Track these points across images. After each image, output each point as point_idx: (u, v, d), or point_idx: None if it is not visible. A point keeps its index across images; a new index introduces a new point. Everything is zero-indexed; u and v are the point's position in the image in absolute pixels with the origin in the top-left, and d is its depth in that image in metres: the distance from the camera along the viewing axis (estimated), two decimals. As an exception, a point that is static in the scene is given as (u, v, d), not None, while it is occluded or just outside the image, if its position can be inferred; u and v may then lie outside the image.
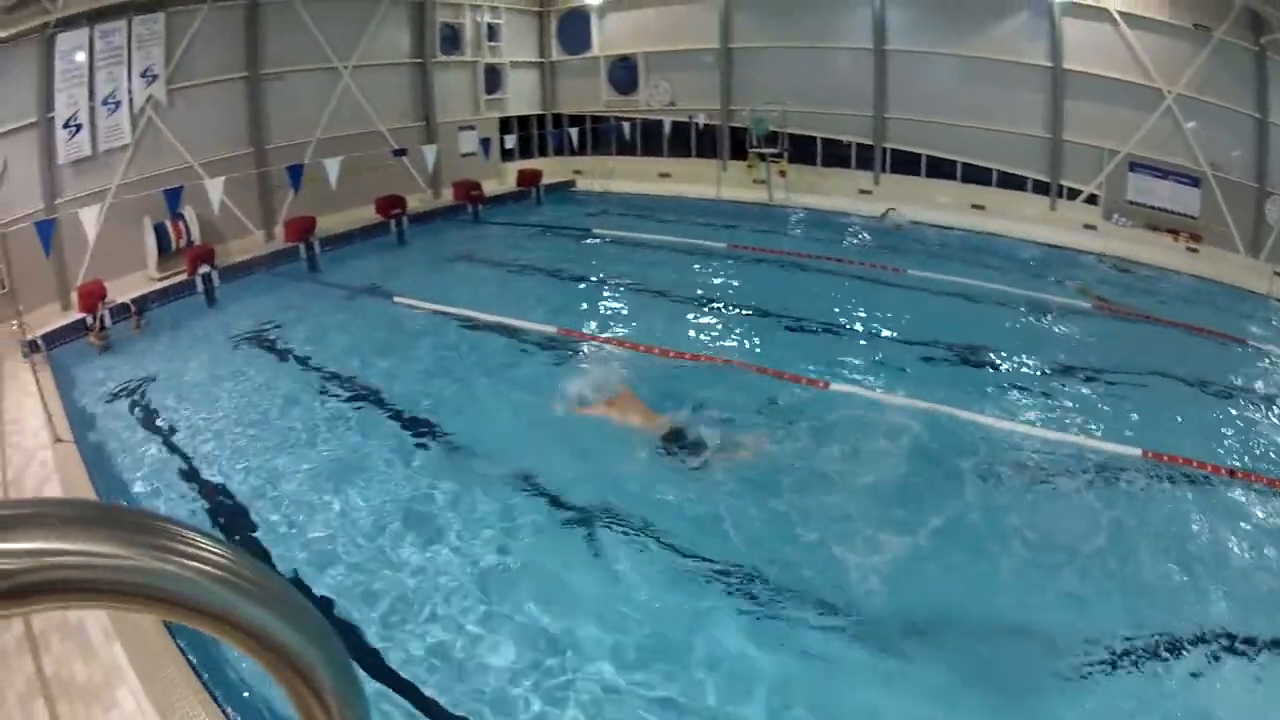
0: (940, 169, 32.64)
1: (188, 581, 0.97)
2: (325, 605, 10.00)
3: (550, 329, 18.68)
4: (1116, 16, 26.87)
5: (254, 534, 12.17)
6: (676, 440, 13.83)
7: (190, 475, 14.44)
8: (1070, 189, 29.42)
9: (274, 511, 12.84)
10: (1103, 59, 27.75)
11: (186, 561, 0.98)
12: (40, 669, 8.79)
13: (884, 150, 32.64)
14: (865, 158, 33.37)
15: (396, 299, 24.21)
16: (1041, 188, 29.88)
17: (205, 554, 1.02)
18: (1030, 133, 30.10)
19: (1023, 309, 20.04)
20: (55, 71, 26.44)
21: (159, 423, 16.83)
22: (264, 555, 11.37)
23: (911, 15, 32.14)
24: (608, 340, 18.03)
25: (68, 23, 26.30)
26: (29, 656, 8.99)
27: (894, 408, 14.10)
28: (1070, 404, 15.14)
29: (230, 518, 12.85)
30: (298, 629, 1.11)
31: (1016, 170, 30.92)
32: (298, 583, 10.36)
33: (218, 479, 14.11)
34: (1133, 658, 9.30)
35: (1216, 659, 9.33)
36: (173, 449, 15.57)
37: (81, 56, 27.03)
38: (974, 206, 30.92)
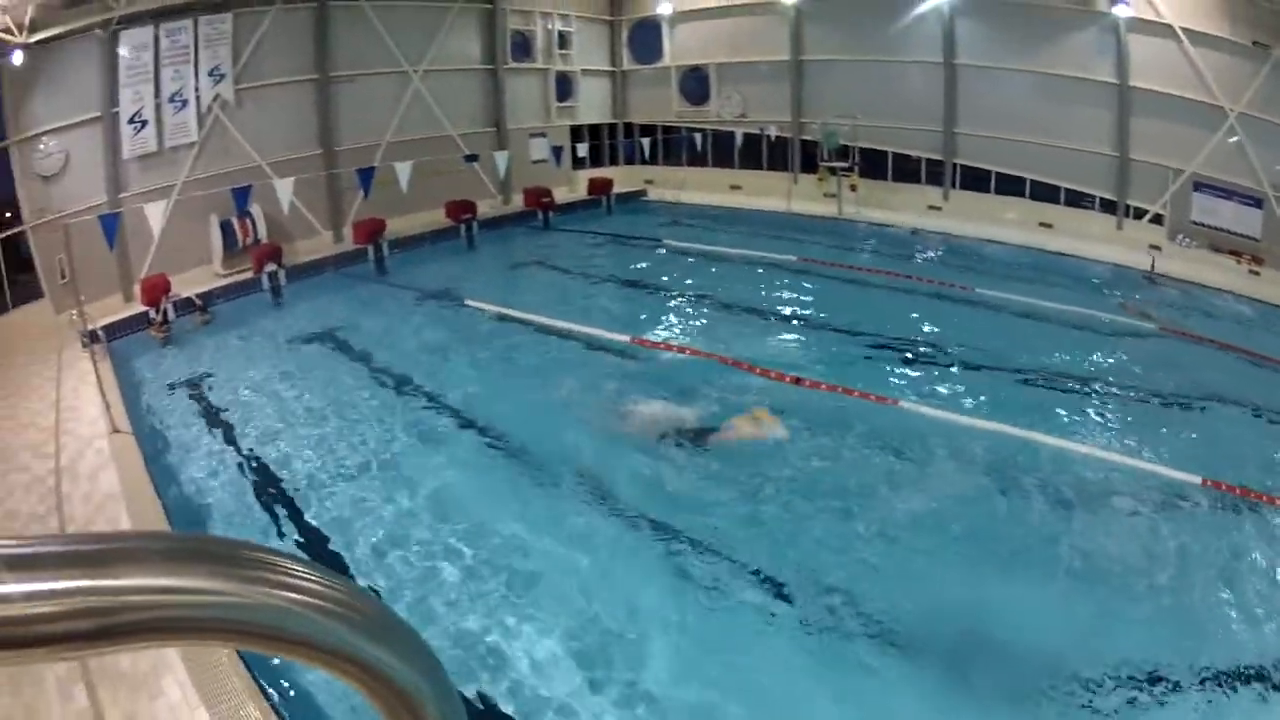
0: (1009, 186, 31.09)
1: (298, 617, 0.91)
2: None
3: (624, 337, 18.01)
4: (1179, 32, 25.50)
5: (310, 533, 11.85)
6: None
7: (247, 471, 13.99)
8: (1137, 208, 28.03)
9: (331, 511, 12.44)
10: (1167, 76, 26.39)
11: (296, 596, 0.91)
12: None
13: (954, 166, 31.28)
14: (935, 173, 32.18)
15: (468, 302, 23.28)
16: (1108, 206, 28.60)
17: (315, 588, 0.95)
18: (1097, 150, 28.25)
19: (1085, 329, 19.11)
20: (120, 68, 26.06)
21: (219, 417, 16.44)
22: (321, 552, 11.17)
23: (980, 29, 30.64)
24: (680, 349, 17.32)
25: (131, 20, 25.88)
26: None
27: (961, 427, 13.53)
28: (1130, 427, 14.47)
29: (286, 515, 12.46)
30: (410, 663, 1.06)
31: (1084, 188, 29.36)
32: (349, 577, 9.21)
33: (276, 476, 13.66)
34: (1180, 691, 8.78)
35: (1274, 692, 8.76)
36: (231, 444, 15.11)
37: (147, 54, 26.63)
38: (1041, 224, 29.40)
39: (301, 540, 11.69)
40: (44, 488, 13.55)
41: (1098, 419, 14.67)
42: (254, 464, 14.22)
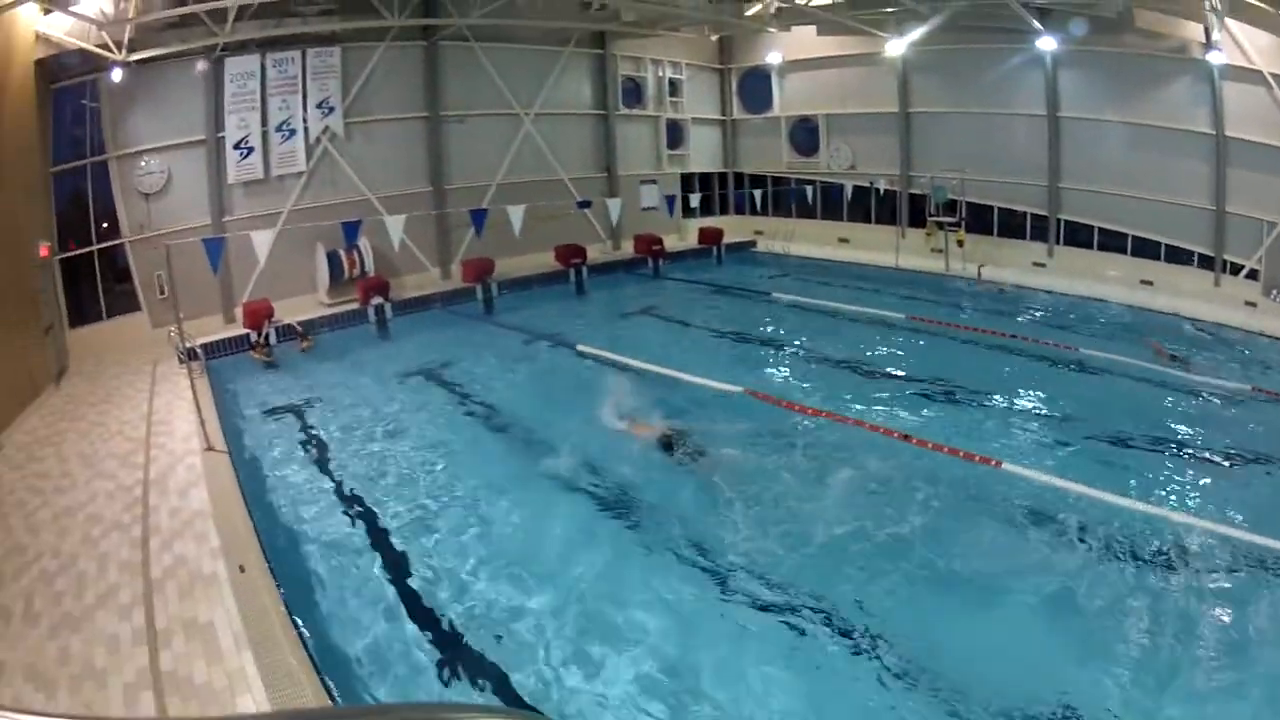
0: (1111, 242, 28.16)
1: None
2: (447, 635, 9.39)
3: (736, 389, 16.79)
4: (1270, 79, 22.71)
5: (405, 572, 10.87)
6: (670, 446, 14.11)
7: (341, 500, 13.18)
8: (1233, 263, 25.04)
9: (422, 548, 11.58)
10: (1261, 125, 23.52)
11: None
12: (155, 664, 8.04)
13: (1058, 221, 28.55)
14: (1039, 229, 30.06)
15: (580, 348, 21.30)
16: (1206, 262, 25.61)
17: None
18: (1194, 204, 25.70)
19: (1182, 390, 17.26)
20: (225, 94, 25.01)
21: (315, 444, 15.73)
22: (408, 588, 10.47)
23: (1082, 79, 27.89)
24: (790, 405, 16.07)
25: (238, 48, 24.83)
26: (144, 649, 8.29)
27: (1062, 490, 12.26)
28: (1228, 492, 12.70)
29: (377, 549, 11.56)
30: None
31: (1182, 243, 26.25)
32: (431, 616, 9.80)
33: (369, 509, 12.83)
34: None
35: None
36: (326, 472, 14.35)
37: (253, 82, 25.52)
38: (1143, 282, 26.32)
39: (390, 577, 10.75)
40: (130, 497, 12.65)
41: (1201, 486, 13.06)
42: (348, 494, 13.39)
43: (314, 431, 16.39)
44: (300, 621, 8.90)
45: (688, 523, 11.79)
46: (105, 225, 23.58)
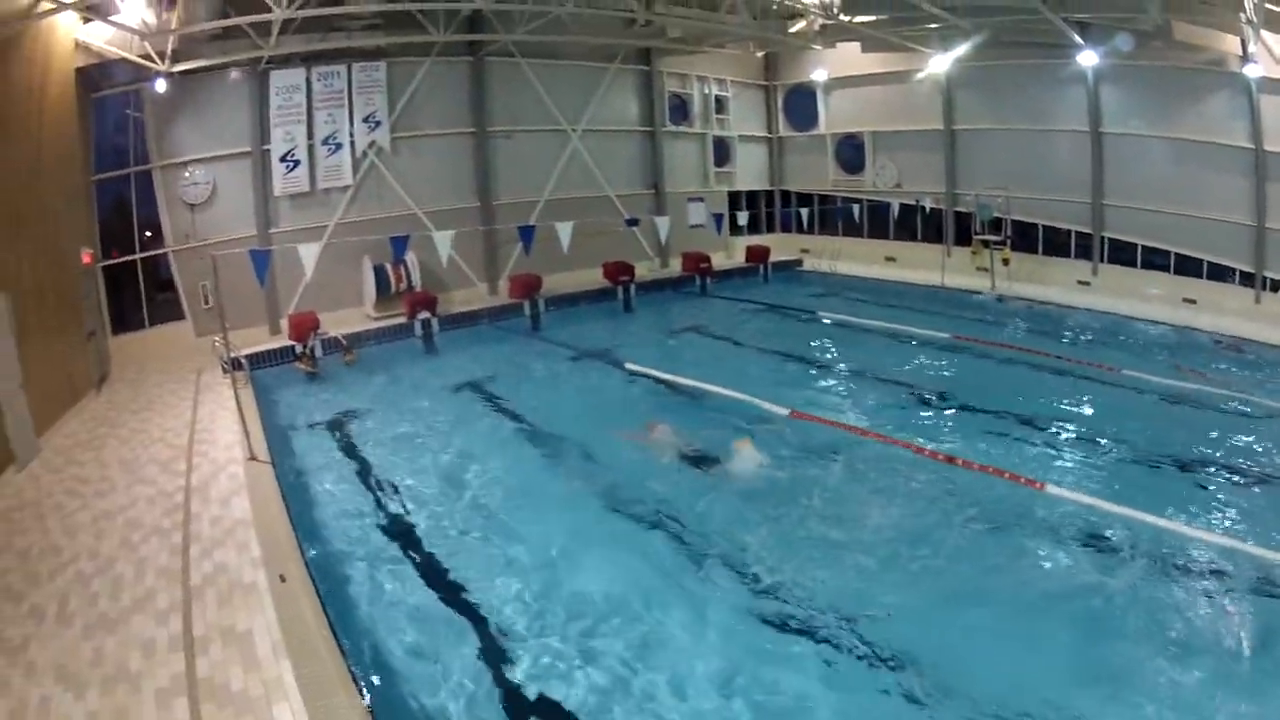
0: (1155, 259, 27.04)
1: None
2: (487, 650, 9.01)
3: (783, 410, 16.12)
4: None
5: (446, 586, 10.55)
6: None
7: (384, 514, 12.83)
8: (1274, 280, 24.06)
9: (464, 563, 11.19)
10: None
11: None
12: (191, 670, 7.81)
13: (1102, 239, 27.60)
14: (1084, 247, 28.80)
15: (628, 365, 20.54)
16: (1247, 279, 24.57)
17: None
18: (1235, 220, 24.57)
19: (1223, 411, 16.33)
20: (270, 106, 24.69)
21: (360, 457, 15.34)
22: (452, 600, 10.16)
23: (1122, 94, 26.91)
24: (836, 424, 15.50)
25: (283, 61, 24.52)
26: (180, 655, 8.06)
27: (1106, 513, 11.66)
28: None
29: (419, 562, 11.22)
30: None
31: (1223, 260, 25.13)
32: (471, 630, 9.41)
33: (411, 521, 12.54)
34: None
35: None
36: (370, 485, 13.99)
37: (299, 95, 25.20)
38: (1185, 300, 25.26)
39: (431, 590, 10.44)
40: (170, 503, 12.34)
41: (1240, 510, 12.24)
42: (390, 506, 13.10)
43: (357, 444, 15.99)
44: (340, 632, 8.64)
45: (745, 546, 11.29)
46: (149, 234, 23.42)
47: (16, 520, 12.12)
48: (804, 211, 32.19)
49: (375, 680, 8.28)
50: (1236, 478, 13.19)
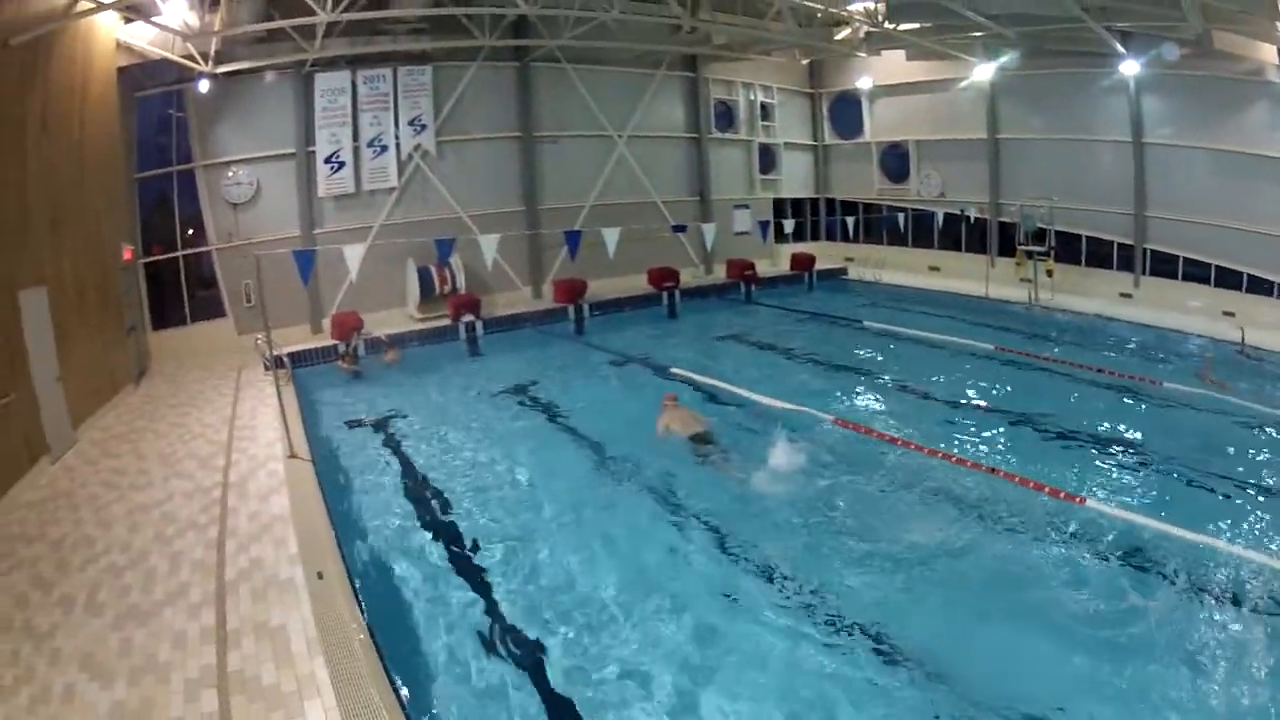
0: (1195, 272, 26.02)
1: None
2: (524, 654, 8.57)
3: (827, 417, 15.51)
4: None
5: (484, 588, 10.06)
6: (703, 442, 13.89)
7: (424, 515, 12.37)
8: None
9: (503, 565, 10.70)
10: None
11: None
12: (222, 663, 7.56)
13: (1144, 251, 27.73)
14: (1127, 258, 27.82)
15: (674, 371, 19.85)
16: None
17: None
18: (1275, 231, 23.48)
19: (1267, 428, 15.41)
20: (315, 108, 24.49)
21: (401, 457, 14.89)
22: (491, 604, 9.66)
23: (1165, 104, 25.84)
24: (880, 435, 14.93)
25: (328, 64, 24.28)
26: (212, 648, 7.84)
27: (1146, 529, 11.06)
28: None
29: (457, 564, 10.73)
30: None
31: (1262, 273, 24.01)
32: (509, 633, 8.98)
33: (450, 522, 12.07)
34: None
35: None
36: (411, 485, 13.58)
37: (344, 98, 24.92)
38: (1225, 314, 24.01)
39: (469, 592, 9.89)
40: (208, 498, 12.02)
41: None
42: (430, 507, 12.66)
43: (398, 444, 15.58)
44: (376, 630, 8.28)
45: (788, 556, 10.66)
46: (191, 232, 23.35)
47: (50, 510, 11.92)
48: (849, 220, 31.77)
49: (410, 679, 7.88)
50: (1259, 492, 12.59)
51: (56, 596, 9.11)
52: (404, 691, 7.45)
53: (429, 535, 11.56)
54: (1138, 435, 15.32)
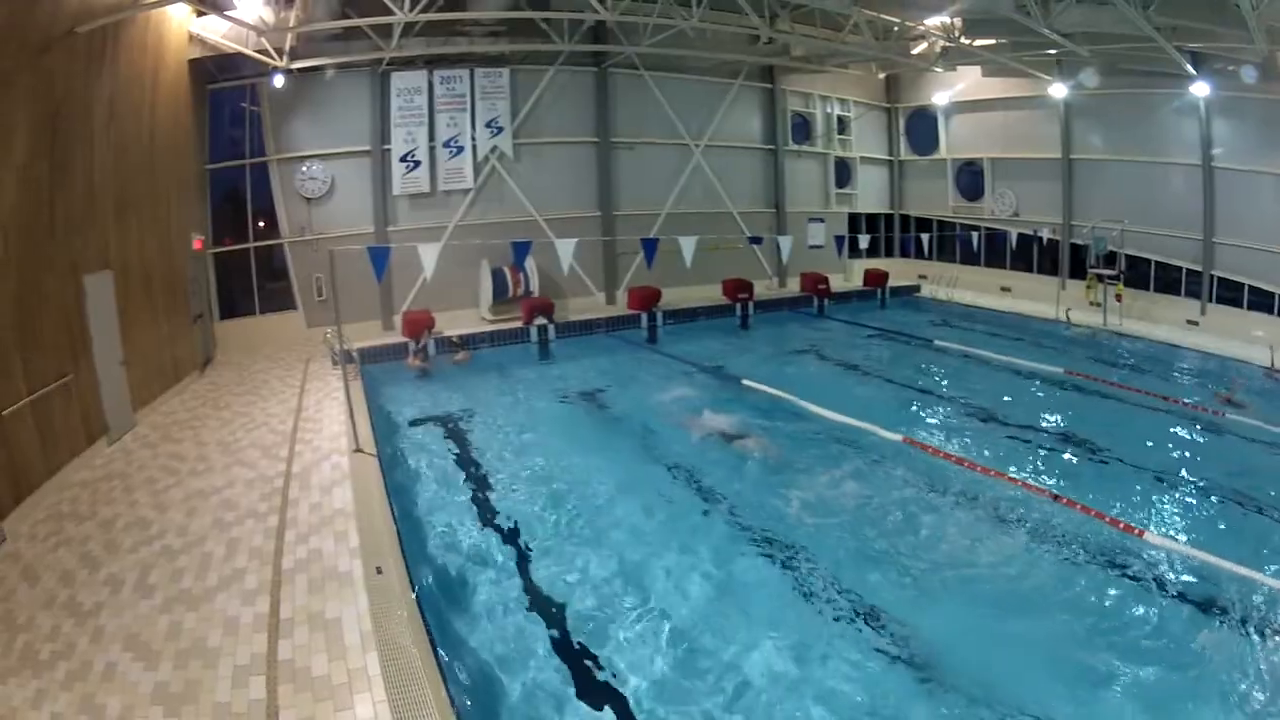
0: (1261, 301, 24.43)
1: None
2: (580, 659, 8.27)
3: (895, 436, 14.91)
4: None
5: (544, 593, 9.61)
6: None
7: (487, 515, 11.95)
8: None
9: (564, 571, 10.16)
10: None
11: None
12: (273, 651, 7.32)
13: (1211, 278, 24.96)
14: (1195, 285, 26.17)
15: (745, 382, 18.98)
16: None
17: None
18: None
19: None
20: (391, 107, 23.92)
21: (467, 458, 14.47)
22: (545, 607, 9.26)
23: (1234, 128, 24.32)
24: (948, 456, 14.21)
25: (405, 63, 23.70)
26: (263, 636, 7.57)
27: (1204, 564, 10.25)
28: None
29: (519, 567, 10.27)
30: None
31: None
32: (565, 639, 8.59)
33: (514, 526, 11.58)
34: None
35: None
36: (475, 486, 13.16)
37: (420, 98, 24.29)
38: None
39: (529, 597, 9.56)
40: (269, 488, 11.64)
41: None
42: (493, 509, 12.21)
43: (465, 444, 15.09)
44: (432, 629, 8.02)
45: (859, 581, 10.04)
46: (263, 224, 22.97)
47: (103, 491, 11.63)
48: (923, 237, 30.50)
49: (464, 681, 7.61)
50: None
51: (104, 576, 8.86)
52: (455, 692, 7.12)
53: (490, 538, 11.16)
54: (1198, 466, 14.46)
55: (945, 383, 20.30)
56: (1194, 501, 12.97)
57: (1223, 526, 11.83)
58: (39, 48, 11.92)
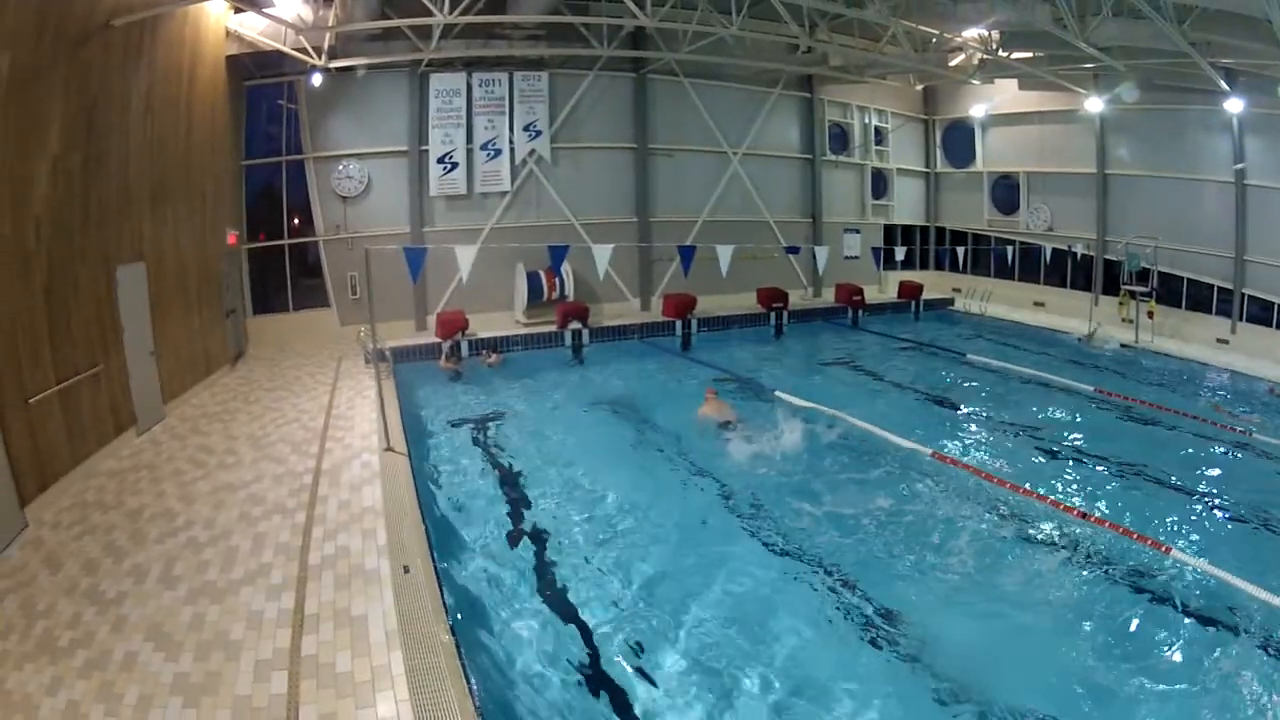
0: None
1: None
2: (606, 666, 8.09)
3: (925, 450, 14.55)
4: None
5: (570, 597, 9.37)
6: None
7: (517, 520, 11.68)
8: None
9: (591, 577, 9.91)
10: None
11: None
12: (296, 646, 7.20)
13: (1243, 296, 24.51)
14: (1226, 303, 25.66)
15: (777, 394, 18.43)
16: None
17: None
18: None
19: None
20: (429, 108, 23.71)
21: (498, 461, 14.19)
22: (573, 617, 8.91)
23: (1270, 145, 23.75)
24: (976, 472, 13.84)
25: (443, 64, 23.47)
26: (287, 631, 7.45)
27: (1227, 585, 9.83)
28: None
29: (545, 571, 10.00)
30: None
31: None
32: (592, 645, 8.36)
33: (542, 529, 11.33)
34: None
35: None
36: (506, 490, 12.85)
37: (459, 100, 24.05)
38: None
39: (555, 601, 9.29)
40: (298, 483, 11.48)
41: None
42: (523, 512, 11.95)
43: (496, 446, 14.84)
44: (457, 630, 7.87)
45: (880, 596, 9.70)
46: (298, 221, 22.90)
47: (130, 481, 11.50)
48: (959, 250, 29.79)
49: (488, 682, 7.45)
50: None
51: (128, 566, 8.74)
52: (480, 693, 7.00)
53: (518, 540, 10.98)
54: (1224, 485, 14.15)
55: (974, 397, 20.03)
56: (1214, 518, 12.72)
57: (1243, 546, 11.56)
58: (75, 40, 11.79)
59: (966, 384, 21.21)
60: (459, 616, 8.26)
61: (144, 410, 13.82)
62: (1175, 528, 12.12)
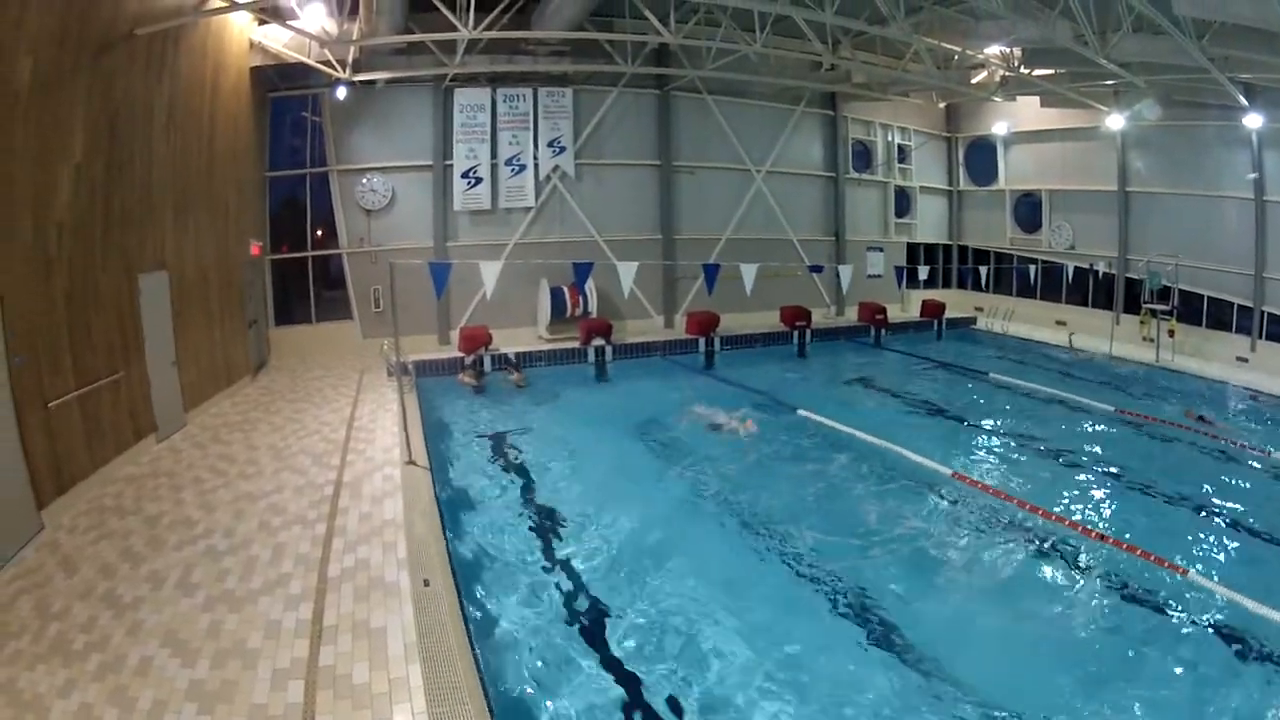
0: None
1: None
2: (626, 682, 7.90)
3: (946, 470, 14.35)
4: None
5: (590, 614, 9.24)
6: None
7: (539, 539, 11.40)
8: None
9: (612, 595, 9.70)
10: None
11: None
12: (314, 657, 7.14)
13: (1262, 314, 24.07)
14: (1246, 321, 25.21)
15: (800, 412, 18.22)
16: None
17: None
18: None
19: None
20: (454, 123, 23.74)
21: (517, 474, 14.09)
22: (595, 637, 8.74)
23: None
24: (997, 493, 13.59)
25: (468, 80, 23.52)
26: (305, 641, 7.38)
27: (1244, 608, 9.61)
28: None
29: (567, 589, 9.79)
30: None
31: None
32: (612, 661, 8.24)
33: (563, 547, 11.12)
34: None
35: None
36: (525, 503, 12.75)
37: (483, 115, 24.03)
38: None
39: (576, 619, 9.11)
40: (318, 495, 11.34)
41: None
42: (544, 530, 11.75)
43: (518, 463, 14.68)
44: (476, 644, 7.79)
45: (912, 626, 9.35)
46: (321, 234, 22.93)
47: (150, 488, 11.44)
48: (981, 269, 29.88)
49: (507, 697, 7.42)
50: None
51: (145, 571, 8.69)
52: (498, 708, 6.93)
53: (540, 557, 10.84)
54: (1244, 506, 13.68)
55: (996, 417, 19.90)
56: (1232, 541, 12.43)
57: (1261, 569, 11.30)
58: (98, 48, 11.74)
59: (988, 403, 21.06)
60: (478, 631, 8.17)
61: (165, 418, 13.70)
62: (1193, 549, 11.96)
